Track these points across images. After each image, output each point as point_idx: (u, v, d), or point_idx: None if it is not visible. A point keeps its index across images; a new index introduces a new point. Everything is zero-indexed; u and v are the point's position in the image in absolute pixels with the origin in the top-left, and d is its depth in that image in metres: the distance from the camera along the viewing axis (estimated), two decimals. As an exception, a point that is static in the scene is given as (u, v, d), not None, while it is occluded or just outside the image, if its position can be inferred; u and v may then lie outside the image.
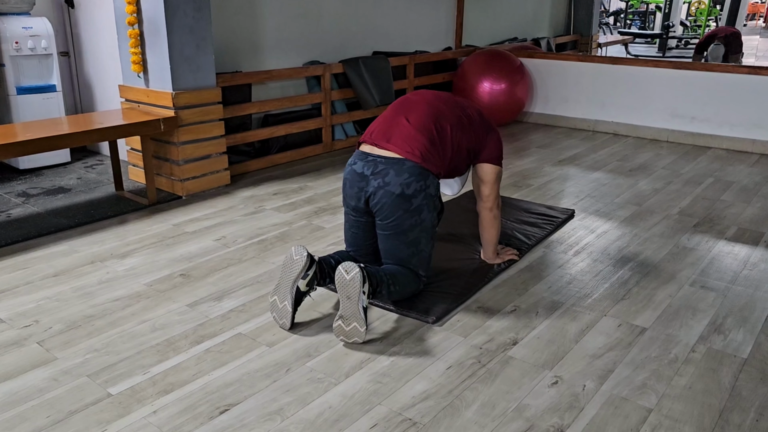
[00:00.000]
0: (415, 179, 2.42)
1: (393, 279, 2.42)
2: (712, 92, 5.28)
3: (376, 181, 2.43)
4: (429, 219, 2.50)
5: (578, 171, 4.57)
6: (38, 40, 4.19)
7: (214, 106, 3.94)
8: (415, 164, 2.44)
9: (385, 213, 2.44)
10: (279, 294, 2.35)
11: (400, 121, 2.53)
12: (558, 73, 6.06)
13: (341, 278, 2.23)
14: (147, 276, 2.83)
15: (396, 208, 2.42)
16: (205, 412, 1.92)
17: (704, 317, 2.51)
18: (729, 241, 3.29)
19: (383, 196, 2.42)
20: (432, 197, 2.50)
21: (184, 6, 3.68)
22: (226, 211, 3.66)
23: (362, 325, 2.23)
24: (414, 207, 2.44)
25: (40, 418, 1.89)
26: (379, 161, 2.46)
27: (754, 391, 2.05)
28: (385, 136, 2.50)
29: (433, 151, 2.49)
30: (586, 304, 2.61)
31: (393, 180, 2.41)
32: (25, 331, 2.37)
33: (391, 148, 2.47)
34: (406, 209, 2.43)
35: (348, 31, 5.42)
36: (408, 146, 2.46)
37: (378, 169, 2.44)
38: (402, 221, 2.44)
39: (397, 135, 2.49)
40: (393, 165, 2.43)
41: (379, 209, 2.46)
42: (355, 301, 2.22)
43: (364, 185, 2.47)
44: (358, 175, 2.49)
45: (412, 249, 2.50)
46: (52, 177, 4.27)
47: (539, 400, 1.99)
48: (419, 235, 2.49)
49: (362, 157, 2.52)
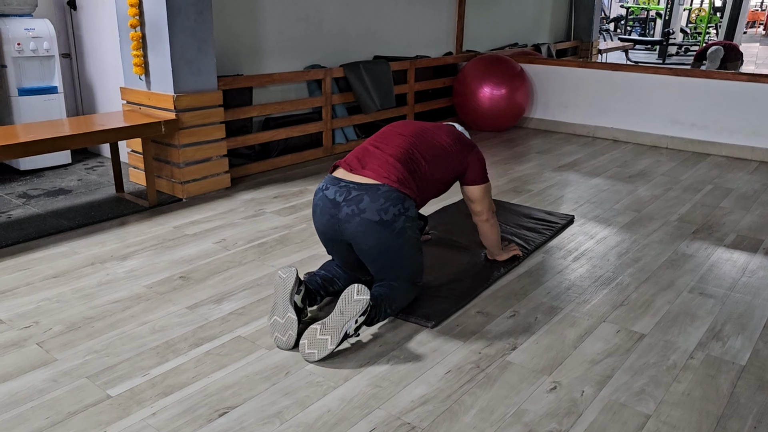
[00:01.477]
0: (392, 203, 2.32)
1: (390, 301, 2.40)
2: (711, 99, 5.30)
3: (350, 208, 2.33)
4: (412, 235, 2.42)
5: (578, 177, 4.58)
6: (40, 41, 4.20)
7: (215, 109, 3.96)
8: (390, 188, 2.34)
9: (366, 242, 2.34)
10: (278, 312, 2.30)
11: (375, 150, 2.49)
12: (558, 79, 6.08)
13: (349, 294, 2.23)
14: (147, 278, 2.84)
15: (377, 236, 2.32)
16: (204, 414, 1.93)
17: (703, 324, 2.52)
18: (728, 248, 3.30)
19: (359, 225, 2.32)
20: (413, 218, 2.40)
21: (186, 9, 3.70)
22: (226, 214, 3.67)
23: (332, 343, 2.18)
24: (397, 231, 2.34)
25: (40, 419, 1.89)
26: (352, 187, 2.36)
27: (752, 398, 2.05)
28: (360, 163, 2.44)
29: (409, 178, 2.42)
30: (584, 309, 2.62)
31: (368, 206, 2.31)
32: (25, 332, 2.37)
33: (366, 174, 2.38)
34: (389, 235, 2.33)
35: (349, 35, 5.43)
36: (384, 171, 2.38)
37: (351, 195, 2.34)
38: (387, 246, 2.35)
39: (373, 161, 2.43)
40: (367, 191, 2.33)
41: (356, 239, 2.35)
42: (345, 319, 2.21)
43: (336, 212, 2.36)
44: (330, 201, 2.38)
45: (405, 262, 2.44)
46: (53, 178, 4.28)
47: (538, 406, 2.00)
48: (407, 251, 2.41)
49: (334, 182, 2.42)
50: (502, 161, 4.97)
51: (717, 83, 5.27)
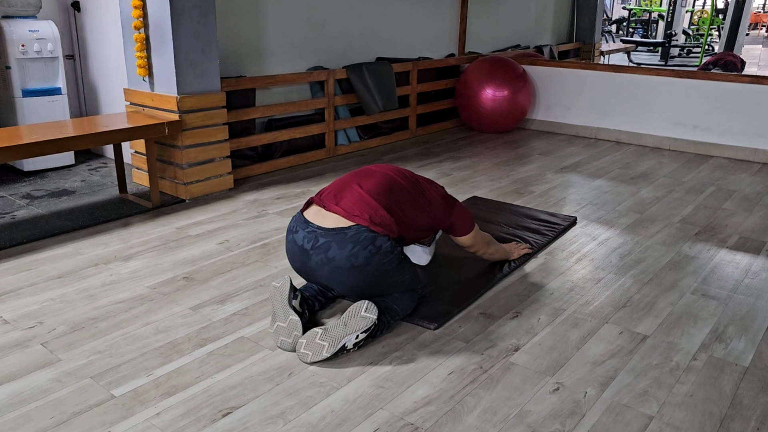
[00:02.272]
0: (361, 247, 2.26)
1: (392, 312, 2.40)
2: (714, 101, 5.30)
3: (318, 257, 2.30)
4: (393, 263, 2.34)
5: (580, 178, 4.58)
6: (44, 43, 4.22)
7: (218, 110, 3.97)
8: (358, 229, 2.28)
9: (342, 284, 2.34)
10: (279, 318, 2.30)
11: (353, 186, 2.44)
12: (560, 81, 6.08)
13: (357, 308, 2.23)
14: (150, 279, 2.85)
15: (352, 279, 2.31)
16: (207, 414, 1.93)
17: (705, 325, 2.52)
18: (730, 249, 3.30)
19: (332, 272, 2.30)
20: (388, 253, 2.31)
21: (190, 11, 3.71)
22: (229, 215, 3.68)
23: (329, 352, 2.18)
24: (372, 271, 2.30)
25: (44, 419, 1.90)
26: (320, 233, 2.31)
27: (755, 400, 2.05)
28: (335, 199, 2.39)
29: (384, 217, 2.35)
30: (587, 311, 2.62)
31: (337, 254, 2.27)
32: (29, 333, 2.38)
33: (337, 211, 2.33)
34: (365, 276, 2.30)
35: (352, 36, 5.44)
36: (357, 210, 2.33)
37: (318, 243, 2.30)
38: (365, 284, 2.33)
39: (348, 198, 2.38)
40: (334, 237, 2.28)
41: (332, 283, 2.36)
42: (347, 331, 2.21)
43: (306, 260, 2.35)
44: (299, 248, 2.36)
45: (392, 288, 2.42)
46: (57, 179, 4.29)
47: (540, 407, 2.00)
48: (391, 278, 2.37)
49: (303, 226, 2.38)
50: (504, 163, 4.97)
51: (720, 85, 5.27)
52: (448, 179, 4.49)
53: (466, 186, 4.32)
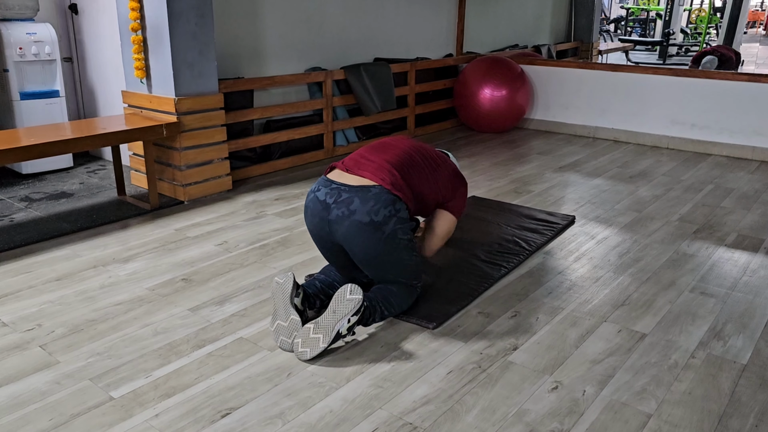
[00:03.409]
0: (382, 206, 2.30)
1: (386, 303, 2.41)
2: (712, 99, 5.30)
3: (340, 210, 2.32)
4: (405, 238, 2.39)
5: (579, 177, 4.58)
6: (42, 45, 4.22)
7: (216, 111, 3.97)
8: (382, 189, 2.33)
9: (356, 244, 2.33)
10: (280, 316, 2.31)
11: (374, 155, 2.50)
12: (559, 80, 6.08)
13: (342, 293, 2.24)
14: (149, 280, 2.85)
15: (367, 239, 2.31)
16: (206, 415, 1.93)
17: (704, 323, 2.52)
18: (729, 247, 3.30)
19: (350, 227, 2.30)
20: (404, 220, 2.38)
21: (187, 12, 3.71)
22: (227, 216, 3.68)
23: (325, 342, 2.19)
24: (387, 234, 2.32)
25: (43, 421, 1.90)
26: (343, 189, 2.35)
27: (754, 397, 2.06)
28: (357, 164, 2.45)
29: (403, 185, 2.41)
30: (586, 309, 2.62)
31: (359, 208, 2.29)
32: (27, 335, 2.38)
33: (361, 173, 2.39)
34: (379, 238, 2.31)
35: (350, 37, 5.44)
36: (379, 173, 2.38)
37: (342, 197, 2.33)
38: (377, 250, 2.34)
39: (370, 164, 2.44)
40: (357, 192, 2.32)
41: (347, 241, 2.34)
42: (337, 318, 2.22)
43: (326, 215, 2.36)
44: (321, 203, 2.38)
45: (398, 268, 2.43)
46: (55, 182, 4.29)
47: (539, 405, 2.00)
48: (400, 255, 2.40)
49: (326, 185, 2.42)
50: (502, 162, 4.97)
51: (717, 83, 5.27)
52: (446, 179, 4.49)
53: (464, 186, 4.32)
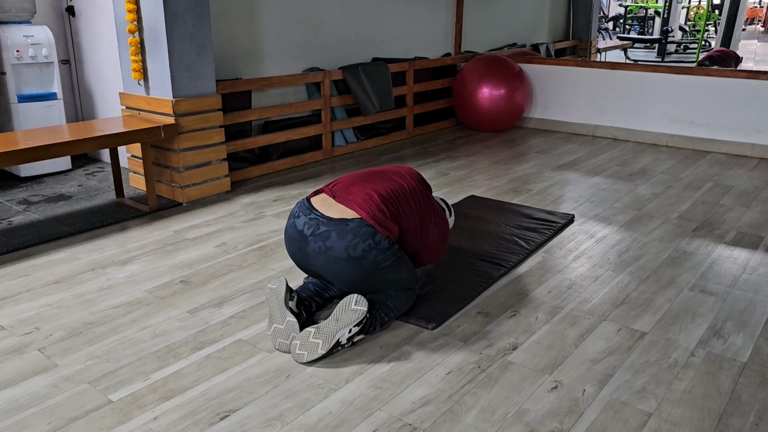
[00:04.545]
0: (360, 239, 2.24)
1: (386, 309, 2.40)
2: (711, 97, 5.30)
3: (317, 244, 2.28)
4: (389, 260, 2.32)
5: (578, 176, 4.57)
6: (39, 48, 4.21)
7: (214, 113, 3.96)
8: (361, 222, 2.26)
9: (336, 275, 2.31)
10: (276, 320, 2.30)
11: (366, 183, 2.43)
12: (557, 79, 6.08)
13: (347, 302, 2.24)
14: (147, 283, 2.84)
15: (347, 271, 2.28)
16: (205, 418, 1.93)
17: (704, 321, 2.51)
18: (728, 245, 3.29)
19: (327, 261, 2.28)
20: (385, 249, 2.30)
21: (184, 14, 3.71)
22: (226, 218, 3.67)
23: (324, 349, 2.18)
24: (367, 265, 2.28)
25: (41, 425, 1.89)
26: (321, 222, 2.30)
27: (754, 396, 2.05)
28: (345, 192, 2.39)
29: (386, 219, 2.32)
30: (585, 308, 2.62)
31: (335, 244, 2.25)
32: (25, 338, 2.38)
33: (344, 202, 2.33)
34: (359, 268, 2.27)
35: (347, 37, 5.44)
36: (365, 206, 2.31)
37: (319, 230, 2.29)
38: (359, 277, 2.31)
39: (358, 192, 2.37)
40: (335, 226, 2.27)
41: (327, 272, 2.32)
42: (339, 326, 2.21)
43: (303, 245, 2.33)
44: (298, 232, 2.34)
45: (388, 284, 2.40)
46: (53, 184, 4.28)
47: (539, 405, 1.99)
48: (385, 275, 2.35)
49: (306, 212, 2.36)
50: (501, 161, 4.97)
51: (716, 81, 5.26)
52: (445, 179, 4.48)
53: (463, 185, 4.32)
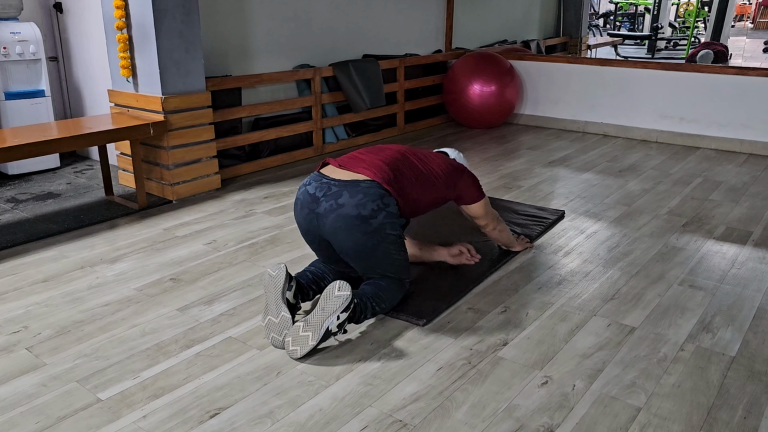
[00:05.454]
0: (370, 199, 2.31)
1: (377, 299, 2.40)
2: (700, 93, 5.32)
3: (328, 203, 2.33)
4: (393, 233, 2.38)
5: (568, 172, 4.59)
6: (26, 45, 4.18)
7: (203, 110, 3.94)
8: (372, 183, 2.35)
9: (343, 237, 2.33)
10: (271, 312, 2.30)
11: (367, 155, 2.53)
12: (548, 75, 6.09)
13: (330, 290, 2.23)
14: (137, 280, 2.83)
15: (353, 232, 2.31)
16: (195, 416, 1.92)
17: (693, 316, 2.53)
18: (717, 240, 3.31)
19: (336, 219, 2.31)
20: (393, 215, 2.37)
21: (173, 10, 3.68)
22: (216, 215, 3.66)
23: (314, 339, 2.19)
24: (374, 228, 2.31)
25: (30, 424, 1.88)
26: (333, 183, 2.37)
27: (742, 389, 2.06)
28: (351, 161, 2.48)
29: (393, 181, 2.41)
30: (575, 304, 2.63)
31: (347, 201, 2.31)
32: (13, 337, 2.36)
33: (353, 169, 2.41)
34: (365, 231, 2.31)
35: (338, 34, 5.42)
36: (372, 169, 2.41)
37: (331, 191, 2.35)
38: (364, 244, 2.33)
39: (362, 162, 2.46)
40: (347, 186, 2.34)
41: (334, 234, 2.34)
42: (326, 315, 2.21)
43: (314, 207, 2.37)
44: (310, 196, 2.40)
45: (386, 262, 2.42)
46: (42, 182, 4.25)
47: (529, 400, 2.00)
48: (387, 249, 2.38)
49: (317, 179, 2.44)
50: (492, 158, 4.97)
51: (706, 77, 5.29)
52: (436, 175, 4.48)
53: (454, 182, 4.32)
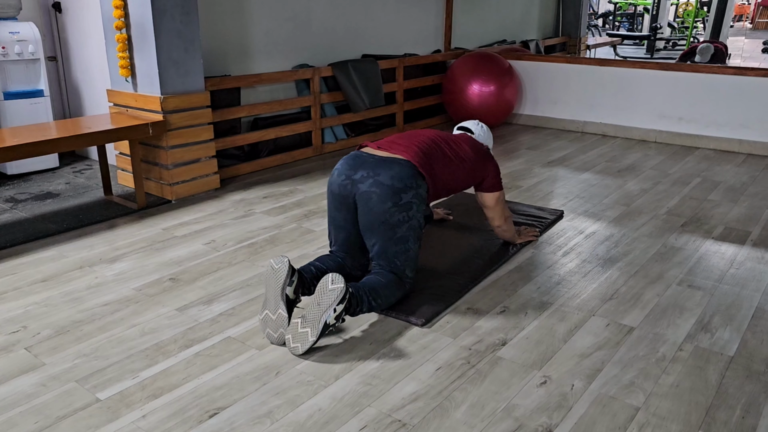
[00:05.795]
0: (406, 175, 2.47)
1: (374, 294, 2.40)
2: (699, 93, 5.33)
3: (365, 171, 2.49)
4: (417, 218, 2.52)
5: (567, 172, 4.59)
6: (25, 44, 4.18)
7: (203, 110, 3.94)
8: (409, 164, 2.51)
9: (373, 204, 2.44)
10: (269, 307, 2.30)
11: (403, 140, 2.69)
12: (547, 75, 6.09)
13: (324, 284, 2.24)
14: (136, 280, 2.83)
15: (385, 200, 2.43)
16: (194, 416, 1.92)
17: (691, 316, 2.53)
18: (716, 240, 3.32)
19: (372, 185, 2.45)
20: (422, 198, 2.53)
21: (172, 10, 3.68)
22: (215, 215, 3.66)
23: (314, 335, 2.20)
24: (404, 202, 2.45)
25: (29, 424, 1.88)
26: (372, 159, 2.54)
27: (740, 389, 2.07)
28: (389, 144, 2.65)
29: (427, 166, 2.57)
30: (574, 304, 2.63)
31: (383, 173, 2.47)
32: (12, 337, 2.36)
33: (391, 150, 2.59)
34: (395, 203, 2.44)
35: (337, 34, 5.42)
36: (408, 152, 2.58)
37: (370, 162, 2.53)
38: (390, 215, 2.44)
39: (399, 145, 2.63)
40: (385, 161, 2.52)
41: (364, 199, 2.46)
42: (322, 309, 2.21)
43: (351, 173, 2.51)
44: (349, 165, 2.56)
45: (401, 246, 2.49)
46: (41, 182, 4.25)
47: (528, 400, 2.00)
48: (408, 233, 2.49)
49: (358, 155, 2.61)
50: (491, 158, 4.97)
51: (704, 77, 5.29)
52: (435, 175, 4.48)
53: (453, 182, 4.32)
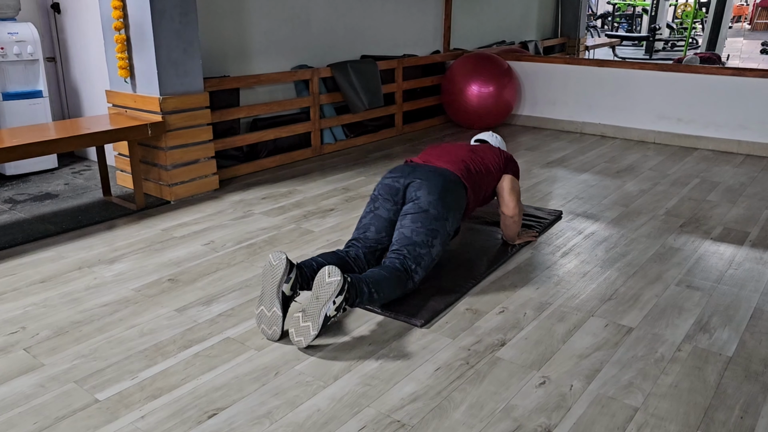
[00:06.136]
0: (454, 184, 2.78)
1: (376, 286, 2.40)
2: (698, 94, 5.33)
3: (422, 173, 2.79)
4: (451, 224, 2.73)
5: (566, 173, 4.59)
6: (24, 45, 4.18)
7: (201, 110, 3.94)
8: (457, 176, 2.83)
9: (421, 193, 2.70)
10: (265, 303, 2.31)
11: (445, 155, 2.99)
12: (546, 76, 6.10)
13: (321, 277, 2.24)
14: (135, 281, 2.83)
15: (432, 192, 2.69)
16: (193, 416, 1.92)
17: (690, 316, 2.53)
18: (715, 240, 3.32)
19: (427, 179, 2.75)
20: (461, 207, 2.82)
21: (171, 11, 3.68)
22: (214, 216, 3.66)
23: (315, 329, 2.21)
24: (447, 202, 2.70)
25: (27, 425, 1.88)
26: (423, 167, 2.85)
27: (739, 389, 2.07)
28: (434, 159, 2.97)
29: (470, 180, 2.88)
30: (573, 304, 2.63)
31: (434, 177, 2.76)
32: (11, 338, 2.36)
33: (437, 164, 2.90)
34: (441, 197, 2.69)
35: (336, 34, 5.43)
36: (455, 166, 2.89)
37: (421, 169, 2.82)
38: (432, 206, 2.66)
39: (446, 158, 2.95)
40: (436, 170, 2.82)
41: (415, 189, 2.73)
42: (321, 303, 2.22)
43: (408, 171, 2.82)
44: (402, 169, 2.86)
45: (427, 239, 2.61)
46: (39, 183, 4.25)
47: (527, 401, 2.00)
48: (439, 229, 2.65)
49: (409, 164, 2.93)
50: (490, 158, 4.97)
51: (703, 78, 5.30)
52: (434, 176, 4.49)
53: (452, 182, 4.32)
